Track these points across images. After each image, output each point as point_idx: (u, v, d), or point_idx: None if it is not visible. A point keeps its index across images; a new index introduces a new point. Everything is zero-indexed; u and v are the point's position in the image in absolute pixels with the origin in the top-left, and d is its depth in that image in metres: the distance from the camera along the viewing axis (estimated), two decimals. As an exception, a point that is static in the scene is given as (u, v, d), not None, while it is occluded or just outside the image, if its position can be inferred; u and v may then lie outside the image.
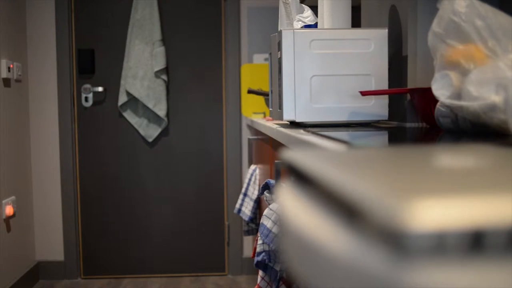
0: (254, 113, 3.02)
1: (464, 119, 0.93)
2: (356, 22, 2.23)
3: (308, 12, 1.65)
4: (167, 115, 3.09)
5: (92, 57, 3.05)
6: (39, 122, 3.04)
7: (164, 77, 3.02)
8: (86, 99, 3.06)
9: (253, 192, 2.44)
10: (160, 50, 3.02)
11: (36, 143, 3.04)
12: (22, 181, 2.90)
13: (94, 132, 3.08)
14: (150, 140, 3.07)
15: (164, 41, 3.07)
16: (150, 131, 3.07)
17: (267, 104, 2.45)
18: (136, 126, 3.06)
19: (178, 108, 3.10)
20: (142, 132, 3.07)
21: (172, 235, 3.07)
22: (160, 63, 3.01)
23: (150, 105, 3.01)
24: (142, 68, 3.02)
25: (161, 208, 3.07)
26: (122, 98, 3.04)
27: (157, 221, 3.05)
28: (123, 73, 3.03)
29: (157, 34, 3.01)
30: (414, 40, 1.41)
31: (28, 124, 3.02)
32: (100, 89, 3.05)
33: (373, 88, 1.41)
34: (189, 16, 3.07)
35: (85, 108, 3.08)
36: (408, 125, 1.40)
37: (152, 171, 3.03)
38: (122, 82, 3.04)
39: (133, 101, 3.06)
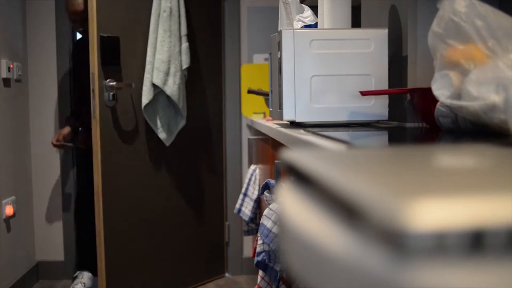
0: (254, 113, 3.02)
1: (464, 119, 0.93)
2: (356, 22, 2.23)
3: (308, 12, 1.65)
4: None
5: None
6: (39, 122, 3.04)
7: (186, 75, 2.83)
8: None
9: (253, 192, 2.44)
10: (187, 46, 2.77)
11: (36, 143, 3.04)
12: (22, 181, 2.90)
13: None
14: (168, 144, 2.78)
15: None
16: (170, 135, 2.78)
17: (267, 104, 2.45)
18: (155, 128, 2.71)
19: (178, 108, 3.09)
20: (162, 135, 2.74)
21: (171, 235, 3.07)
22: (188, 60, 2.77)
23: (180, 105, 2.73)
24: (174, 63, 2.67)
25: (160, 208, 3.07)
26: (149, 95, 2.61)
27: (156, 221, 3.05)
28: (149, 66, 2.61)
29: (184, 28, 2.75)
30: (414, 40, 1.41)
31: (28, 124, 3.02)
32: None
33: (373, 88, 1.41)
34: (188, 16, 3.06)
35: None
36: (408, 125, 1.40)
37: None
38: (147, 76, 2.61)
39: (152, 99, 2.69)
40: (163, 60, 2.61)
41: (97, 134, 2.45)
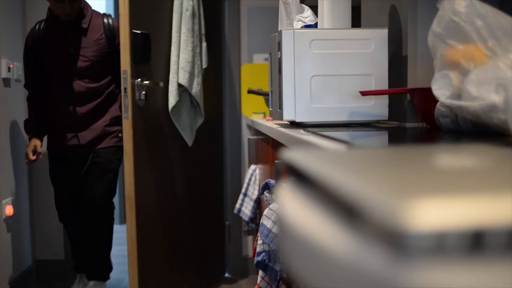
0: (254, 113, 3.02)
1: (464, 119, 0.93)
2: (356, 22, 2.23)
3: (308, 12, 1.65)
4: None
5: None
6: (39, 122, 3.04)
7: (203, 74, 2.77)
8: None
9: (253, 192, 2.44)
10: (206, 45, 2.72)
11: (36, 143, 3.03)
12: (22, 181, 2.90)
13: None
14: (190, 144, 2.71)
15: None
16: (192, 135, 2.71)
17: (267, 104, 2.45)
18: (180, 129, 2.63)
19: (178, 108, 3.07)
20: (186, 136, 2.67)
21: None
22: (207, 60, 2.73)
23: (201, 106, 2.67)
24: (197, 64, 2.62)
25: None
26: (176, 96, 2.53)
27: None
28: (175, 67, 2.53)
29: (203, 27, 2.71)
30: (414, 40, 1.41)
31: (28, 124, 3.02)
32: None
33: (373, 88, 1.41)
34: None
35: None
36: (408, 125, 1.40)
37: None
38: (173, 76, 2.53)
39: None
40: (188, 60, 2.54)
41: (130, 135, 2.29)
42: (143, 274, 2.45)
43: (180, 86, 2.57)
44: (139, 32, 2.29)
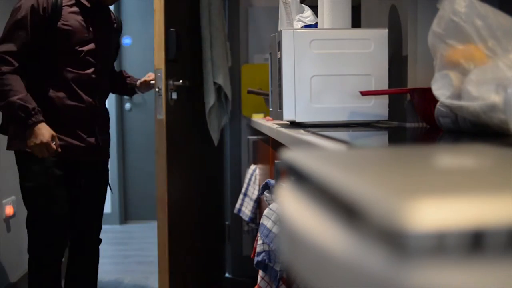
0: (254, 113, 3.02)
1: (464, 119, 0.93)
2: (356, 22, 2.23)
3: (308, 12, 1.65)
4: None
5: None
6: (39, 122, 3.03)
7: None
8: None
9: (253, 192, 2.44)
10: (228, 45, 2.71)
11: (36, 143, 3.03)
12: (22, 181, 2.90)
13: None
14: (216, 143, 2.71)
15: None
16: (218, 134, 2.73)
17: (267, 104, 2.45)
18: (211, 128, 2.64)
19: (178, 108, 3.07)
20: (215, 135, 2.67)
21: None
22: (230, 59, 2.72)
23: (229, 104, 2.71)
24: (225, 61, 2.61)
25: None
26: (213, 95, 2.53)
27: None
28: (208, 64, 2.52)
29: (225, 26, 2.71)
30: (414, 40, 1.41)
31: (28, 124, 3.01)
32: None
33: (373, 88, 1.41)
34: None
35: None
36: (408, 125, 1.40)
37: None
38: (206, 76, 2.53)
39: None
40: (220, 58, 2.52)
41: (164, 136, 2.21)
42: (171, 276, 2.41)
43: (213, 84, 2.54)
44: (173, 29, 2.20)
